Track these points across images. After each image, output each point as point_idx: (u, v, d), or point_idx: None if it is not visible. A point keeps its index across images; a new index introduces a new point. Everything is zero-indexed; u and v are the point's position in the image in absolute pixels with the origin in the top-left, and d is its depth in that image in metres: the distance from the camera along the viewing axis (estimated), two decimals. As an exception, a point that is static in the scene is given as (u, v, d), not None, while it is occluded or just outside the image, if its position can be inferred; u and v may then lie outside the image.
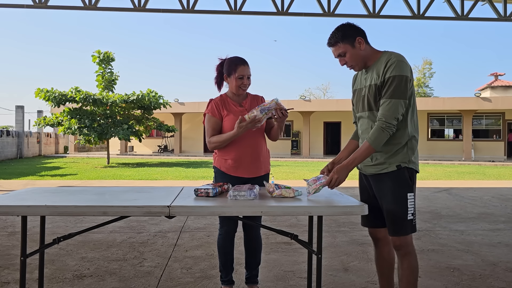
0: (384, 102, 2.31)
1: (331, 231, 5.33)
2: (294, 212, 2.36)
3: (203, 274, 3.62)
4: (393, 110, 2.29)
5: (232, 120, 2.95)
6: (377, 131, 2.31)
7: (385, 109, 2.30)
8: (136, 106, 18.44)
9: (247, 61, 3.03)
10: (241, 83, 2.97)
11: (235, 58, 3.01)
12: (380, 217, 2.53)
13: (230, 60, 3.01)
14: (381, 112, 2.32)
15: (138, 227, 5.49)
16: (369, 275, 3.60)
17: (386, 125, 2.29)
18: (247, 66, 2.99)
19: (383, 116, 2.30)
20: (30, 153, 25.24)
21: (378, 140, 2.31)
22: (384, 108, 2.31)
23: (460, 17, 9.72)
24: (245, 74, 2.98)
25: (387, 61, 2.34)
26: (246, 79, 2.98)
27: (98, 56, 18.61)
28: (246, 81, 2.98)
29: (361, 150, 2.36)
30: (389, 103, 2.30)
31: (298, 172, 14.75)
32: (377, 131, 2.31)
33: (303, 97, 29.43)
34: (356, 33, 2.41)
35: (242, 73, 2.96)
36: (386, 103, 2.31)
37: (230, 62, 2.99)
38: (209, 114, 3.02)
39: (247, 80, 2.99)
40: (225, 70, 3.01)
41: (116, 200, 2.34)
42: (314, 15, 9.59)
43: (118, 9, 9.19)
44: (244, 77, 2.97)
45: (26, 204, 2.17)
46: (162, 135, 30.63)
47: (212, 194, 2.45)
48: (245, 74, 2.97)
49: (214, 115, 3.00)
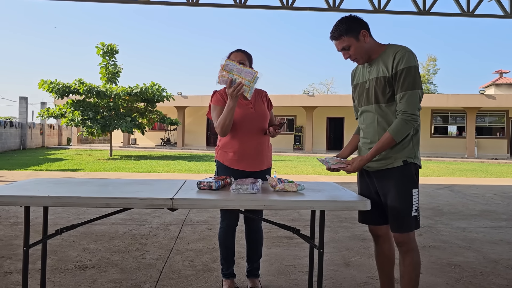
0: (403, 94, 2.30)
1: (333, 226, 5.34)
2: (297, 206, 2.35)
3: (205, 267, 3.63)
4: (414, 101, 2.29)
5: (236, 112, 2.92)
6: (400, 123, 2.30)
7: (406, 102, 2.29)
8: (139, 99, 18.43)
9: (247, 52, 3.01)
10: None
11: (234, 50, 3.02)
12: (381, 214, 2.51)
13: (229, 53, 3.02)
14: (403, 105, 2.30)
15: (140, 219, 5.51)
16: (370, 270, 3.61)
17: (411, 117, 2.29)
18: (240, 52, 2.97)
19: (407, 108, 2.29)
20: (33, 144, 25.32)
21: (401, 132, 2.31)
22: (404, 100, 2.29)
23: (466, 14, 9.65)
24: (236, 59, 2.94)
25: (395, 53, 2.32)
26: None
27: (102, 48, 18.60)
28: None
29: (382, 141, 2.33)
30: (408, 95, 2.29)
31: (301, 167, 14.75)
32: (401, 123, 2.30)
33: (306, 92, 29.42)
34: (360, 26, 2.39)
35: (234, 59, 2.93)
36: (405, 95, 2.29)
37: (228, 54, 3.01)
38: (214, 104, 2.99)
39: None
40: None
41: (119, 192, 2.34)
42: (318, 10, 9.54)
43: (122, 1, 9.16)
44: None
45: (29, 195, 2.18)
46: (165, 128, 30.66)
47: (215, 187, 2.46)
48: (236, 59, 2.94)
49: (220, 103, 2.97)
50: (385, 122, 2.40)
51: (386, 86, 2.36)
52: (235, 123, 2.94)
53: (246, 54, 3.00)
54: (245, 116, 2.94)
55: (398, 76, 2.31)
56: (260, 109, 3.02)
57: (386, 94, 2.36)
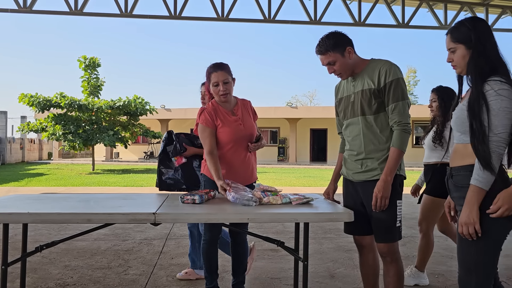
0: (395, 106, 2.36)
1: (318, 237, 5.34)
2: (281, 219, 2.35)
3: (189, 282, 3.59)
4: (406, 111, 2.37)
5: (226, 132, 2.91)
6: (400, 134, 2.36)
7: (398, 112, 2.36)
8: (122, 112, 18.30)
9: (224, 65, 2.92)
10: (218, 90, 2.91)
11: (210, 66, 2.93)
12: (365, 224, 2.53)
13: (207, 69, 2.95)
14: (396, 116, 2.36)
15: (123, 235, 5.43)
16: (355, 282, 3.61)
17: (407, 126, 2.37)
18: (220, 71, 2.88)
19: (401, 118, 2.36)
20: (13, 159, 24.84)
21: (404, 142, 2.36)
22: (397, 111, 2.36)
23: (443, 26, 9.91)
24: (219, 80, 2.88)
25: (380, 68, 2.39)
26: (222, 85, 2.88)
27: (84, 61, 18.47)
28: (222, 87, 2.88)
29: (392, 158, 2.35)
30: (399, 106, 2.36)
31: (285, 179, 14.77)
32: (400, 134, 2.36)
33: (289, 104, 29.55)
34: (346, 43, 2.44)
35: (215, 80, 2.89)
36: (397, 106, 2.36)
37: (206, 71, 2.94)
38: (203, 124, 2.94)
39: (223, 86, 2.88)
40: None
41: (101, 207, 2.31)
42: (300, 23, 9.67)
43: (104, 15, 9.13)
44: (220, 84, 2.89)
45: (8, 212, 2.13)
46: (148, 141, 30.41)
47: (198, 201, 2.44)
48: (219, 80, 2.88)
49: (209, 125, 2.93)
50: (371, 133, 2.44)
51: (371, 98, 2.40)
52: (226, 141, 2.93)
53: (225, 69, 2.92)
54: (235, 134, 2.93)
55: (387, 89, 2.36)
56: (248, 125, 3.01)
57: (372, 106, 2.41)
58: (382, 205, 2.35)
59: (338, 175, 2.79)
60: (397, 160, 2.36)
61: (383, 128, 2.42)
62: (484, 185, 1.80)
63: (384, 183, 2.34)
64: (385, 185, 2.34)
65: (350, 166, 2.56)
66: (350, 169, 2.56)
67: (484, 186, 1.80)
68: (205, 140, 2.91)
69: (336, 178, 2.79)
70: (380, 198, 2.34)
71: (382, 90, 2.38)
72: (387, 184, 2.34)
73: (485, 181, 1.80)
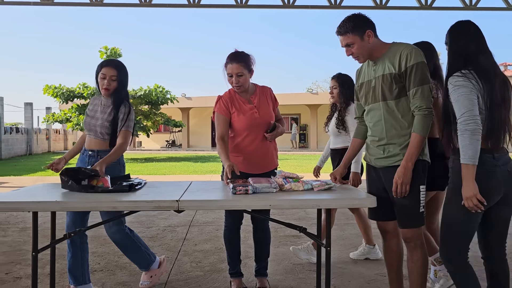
0: (416, 90, 2.31)
1: (340, 224, 5.33)
2: (303, 205, 2.36)
3: (213, 268, 3.64)
4: (427, 96, 2.32)
5: (241, 120, 2.93)
6: (422, 119, 2.31)
7: (420, 97, 2.31)
8: (143, 102, 18.50)
9: (242, 57, 2.88)
10: (231, 81, 2.91)
11: (229, 55, 2.92)
12: (389, 210, 2.51)
13: (226, 57, 2.93)
14: (417, 101, 2.31)
15: (147, 222, 5.53)
16: (378, 268, 3.60)
17: (428, 111, 2.31)
18: (235, 63, 2.86)
19: (422, 103, 2.31)
20: (40, 149, 25.45)
21: (426, 127, 2.32)
22: (418, 96, 2.31)
23: (468, 7, 9.60)
24: (233, 72, 2.87)
25: (401, 52, 2.34)
26: (235, 78, 2.87)
27: (105, 52, 18.66)
28: (235, 79, 2.88)
29: (413, 144, 2.31)
30: (421, 90, 2.30)
31: (306, 165, 14.73)
32: (422, 119, 2.31)
33: (310, 90, 29.35)
34: (367, 26, 2.40)
35: (230, 71, 2.89)
36: (418, 90, 2.31)
37: (226, 59, 2.93)
38: (218, 112, 2.99)
39: (236, 79, 2.87)
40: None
41: (125, 195, 2.35)
42: (320, 8, 9.52)
43: (124, 5, 9.18)
44: (233, 76, 2.88)
45: (37, 200, 2.20)
46: (170, 130, 30.72)
47: (251, 192, 2.35)
48: (232, 72, 2.87)
49: (222, 113, 2.96)
50: (392, 119, 2.40)
51: (392, 83, 2.36)
52: (242, 130, 2.95)
53: (241, 62, 2.86)
54: (250, 123, 2.94)
55: (408, 73, 2.32)
56: (265, 113, 3.00)
57: (393, 90, 2.37)
58: (403, 191, 2.33)
59: (349, 160, 2.77)
60: (418, 146, 2.32)
61: (404, 113, 2.38)
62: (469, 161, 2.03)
63: (405, 169, 2.31)
64: (405, 171, 2.31)
65: (372, 152, 2.54)
66: (372, 155, 2.54)
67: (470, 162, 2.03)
68: (217, 127, 2.97)
69: (346, 162, 2.76)
70: (400, 184, 2.32)
71: (403, 75, 2.33)
72: (408, 170, 2.31)
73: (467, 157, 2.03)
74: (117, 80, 2.96)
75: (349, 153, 2.77)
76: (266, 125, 2.99)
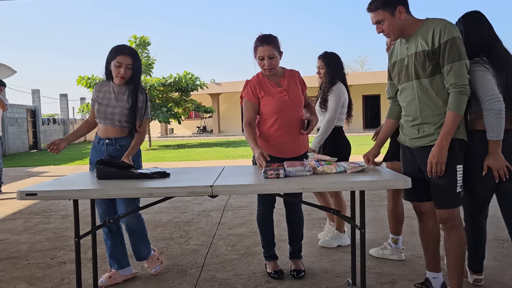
0: (451, 67, 2.23)
1: (374, 205, 5.28)
2: (336, 187, 2.34)
3: (248, 251, 3.69)
4: (463, 72, 2.23)
5: (270, 102, 2.92)
6: (456, 97, 2.23)
7: (454, 74, 2.22)
8: (173, 89, 18.68)
9: (271, 39, 2.85)
10: (263, 64, 2.88)
11: (257, 38, 2.88)
12: (425, 190, 2.47)
13: (254, 41, 2.90)
14: (452, 78, 2.23)
15: (182, 207, 5.64)
16: (414, 248, 3.56)
17: (464, 88, 2.23)
18: (266, 45, 2.82)
19: (457, 80, 2.22)
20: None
21: (461, 106, 2.24)
22: (452, 72, 2.23)
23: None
24: (265, 55, 2.84)
25: (435, 27, 2.25)
26: (266, 60, 2.84)
27: (135, 41, 18.88)
28: (267, 62, 2.85)
29: (448, 122, 2.24)
30: (455, 67, 2.22)
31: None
32: (457, 97, 2.23)
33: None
34: (398, 2, 2.33)
35: (261, 54, 2.85)
36: (453, 67, 2.22)
37: (254, 43, 2.89)
38: (245, 98, 2.99)
39: (268, 61, 2.84)
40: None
41: (160, 182, 2.41)
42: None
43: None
44: (265, 58, 2.85)
45: (77, 188, 2.27)
46: (201, 116, 31.03)
47: (283, 176, 2.37)
48: (264, 55, 2.84)
49: (250, 99, 2.96)
50: (427, 98, 2.34)
51: (426, 61, 2.29)
52: (271, 113, 2.93)
53: (271, 44, 2.84)
54: (280, 106, 2.93)
55: (442, 49, 2.23)
56: (294, 95, 2.98)
57: (427, 68, 2.30)
58: (438, 171, 2.27)
59: (383, 141, 2.72)
60: (453, 124, 2.24)
61: (439, 91, 2.31)
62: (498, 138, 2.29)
63: (440, 149, 2.25)
64: (440, 150, 2.25)
65: (406, 132, 2.49)
66: (406, 135, 2.49)
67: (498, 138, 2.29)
68: (245, 112, 2.98)
69: (380, 143, 2.72)
70: (435, 164, 2.26)
71: (436, 51, 2.25)
72: (442, 149, 2.25)
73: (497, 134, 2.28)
74: (132, 68, 2.98)
75: (382, 133, 2.73)
76: (295, 109, 2.97)
